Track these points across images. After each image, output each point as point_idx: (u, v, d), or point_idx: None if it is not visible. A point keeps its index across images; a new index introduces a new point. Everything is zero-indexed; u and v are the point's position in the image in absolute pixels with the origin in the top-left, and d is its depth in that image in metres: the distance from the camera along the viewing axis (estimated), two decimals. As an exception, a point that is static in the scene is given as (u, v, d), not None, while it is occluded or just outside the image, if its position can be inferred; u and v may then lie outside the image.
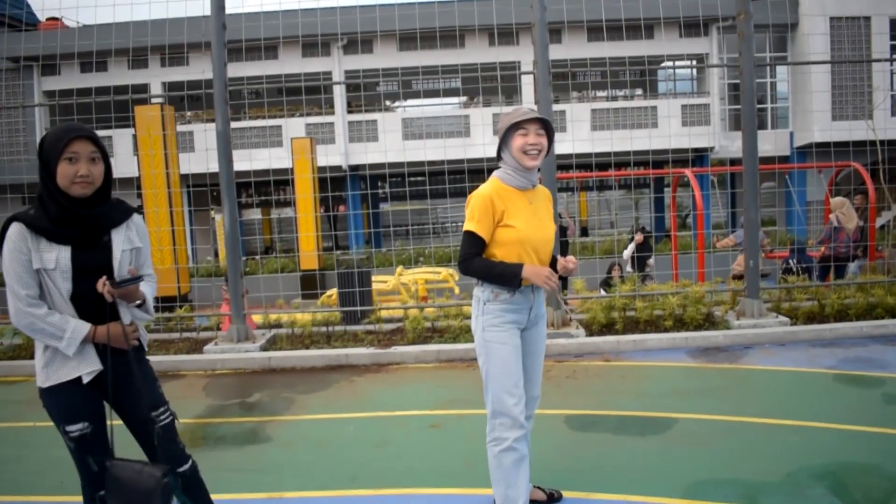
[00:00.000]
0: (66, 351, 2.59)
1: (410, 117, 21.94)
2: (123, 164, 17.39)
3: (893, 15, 20.27)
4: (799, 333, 6.80)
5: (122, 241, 2.73)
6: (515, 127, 3.07)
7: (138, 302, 2.77)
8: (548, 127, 3.15)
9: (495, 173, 3.20)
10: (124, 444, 2.79)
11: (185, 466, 2.87)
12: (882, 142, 10.66)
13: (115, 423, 2.76)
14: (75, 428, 2.63)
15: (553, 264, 3.27)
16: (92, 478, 2.69)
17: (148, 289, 2.82)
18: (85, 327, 2.61)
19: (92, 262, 2.64)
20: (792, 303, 7.59)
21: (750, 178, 7.26)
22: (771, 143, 21.00)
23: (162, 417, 2.81)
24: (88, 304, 2.63)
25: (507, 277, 3.05)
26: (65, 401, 2.65)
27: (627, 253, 12.98)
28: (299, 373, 6.62)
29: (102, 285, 2.58)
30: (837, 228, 9.70)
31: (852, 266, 9.84)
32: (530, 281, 3.04)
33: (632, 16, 14.95)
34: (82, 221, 2.63)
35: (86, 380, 2.65)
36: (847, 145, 10.05)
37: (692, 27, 20.70)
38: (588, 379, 5.89)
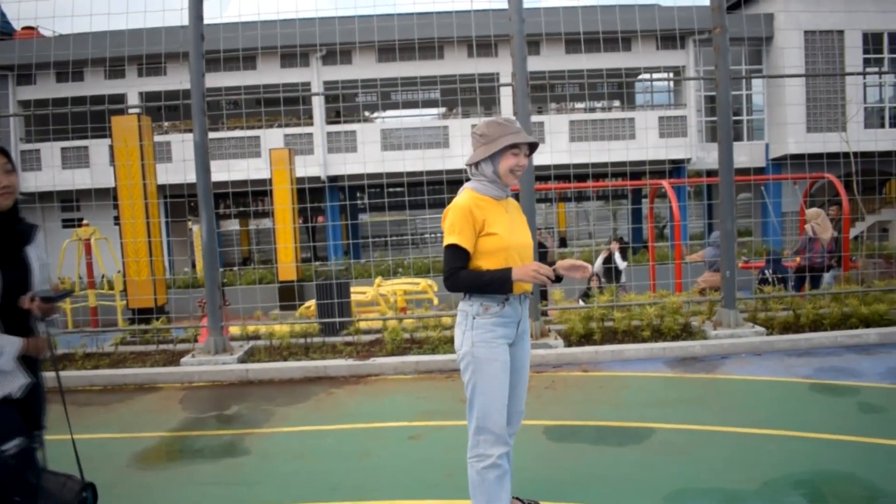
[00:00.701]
0: (6, 367, 2.59)
1: (389, 128, 21.97)
2: (100, 175, 17.32)
3: (866, 29, 20.68)
4: (775, 343, 6.86)
5: (35, 257, 2.76)
6: (513, 145, 3.02)
7: (55, 315, 2.82)
8: (532, 150, 3.14)
9: (468, 185, 3.13)
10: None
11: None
12: (855, 153, 10.85)
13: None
14: (12, 445, 2.60)
15: None
16: (31, 492, 2.64)
17: None
18: (17, 341, 2.62)
19: (16, 279, 2.65)
20: (768, 313, 7.66)
21: (726, 190, 7.34)
22: (747, 154, 21.29)
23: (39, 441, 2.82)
24: (12, 320, 2.65)
25: (498, 283, 2.95)
26: None
27: (597, 266, 13.04)
28: (277, 385, 6.57)
29: (30, 301, 2.59)
30: (812, 239, 9.82)
31: (827, 276, 9.96)
32: (521, 281, 2.96)
33: (609, 28, 15.09)
34: (7, 238, 2.65)
35: (17, 395, 2.65)
36: (821, 157, 10.21)
37: (669, 40, 20.96)
38: (567, 389, 5.90)
